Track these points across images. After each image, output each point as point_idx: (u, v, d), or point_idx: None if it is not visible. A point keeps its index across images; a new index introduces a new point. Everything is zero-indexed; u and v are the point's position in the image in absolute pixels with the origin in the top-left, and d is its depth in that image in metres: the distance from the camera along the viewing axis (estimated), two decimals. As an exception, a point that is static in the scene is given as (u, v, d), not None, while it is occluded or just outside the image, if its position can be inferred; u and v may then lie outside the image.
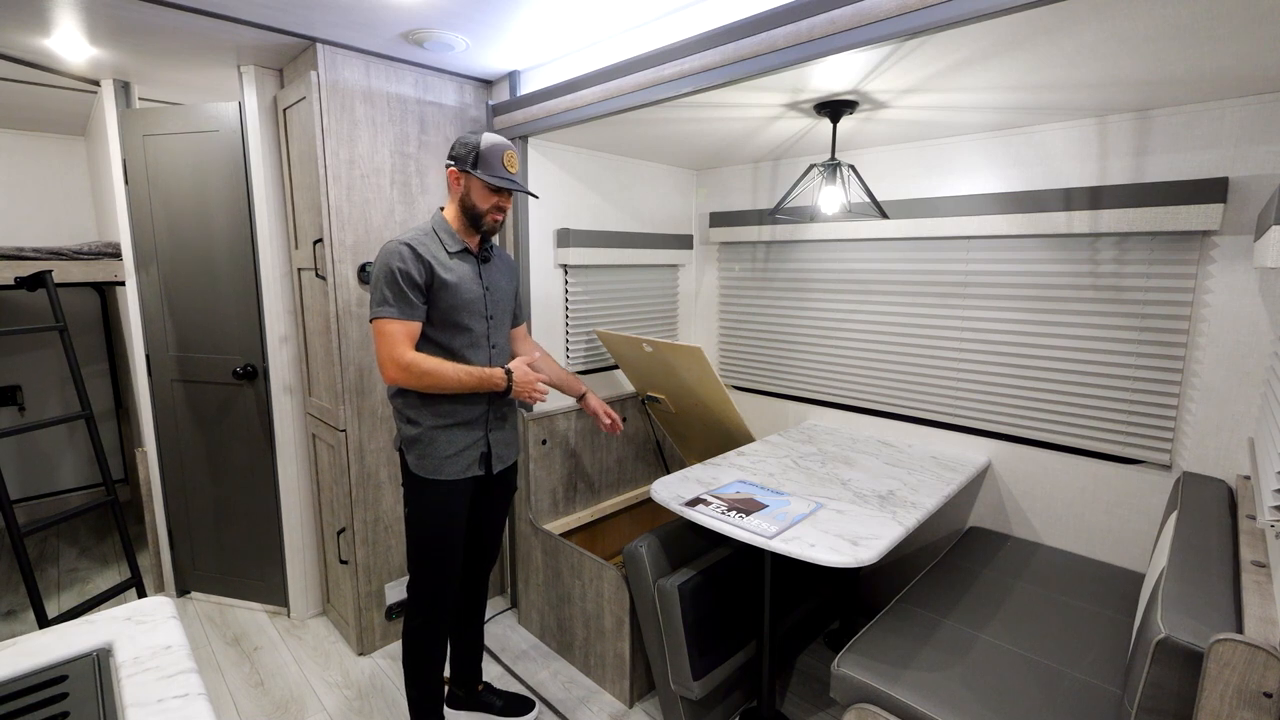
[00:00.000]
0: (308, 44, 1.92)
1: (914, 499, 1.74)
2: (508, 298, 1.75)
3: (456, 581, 1.71)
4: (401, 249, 1.53)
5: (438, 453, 1.61)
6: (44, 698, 0.82)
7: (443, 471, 1.62)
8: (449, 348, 1.61)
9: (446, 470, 1.62)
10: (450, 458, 1.62)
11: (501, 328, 1.72)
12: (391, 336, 1.52)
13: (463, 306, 1.59)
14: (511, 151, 1.59)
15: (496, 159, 1.57)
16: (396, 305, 1.51)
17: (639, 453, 2.87)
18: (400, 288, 1.51)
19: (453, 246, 1.60)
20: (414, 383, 1.54)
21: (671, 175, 2.84)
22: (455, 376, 1.55)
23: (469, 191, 1.58)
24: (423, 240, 1.56)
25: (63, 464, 3.43)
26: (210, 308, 2.35)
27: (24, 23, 1.74)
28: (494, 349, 1.69)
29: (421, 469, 1.61)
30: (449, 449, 1.62)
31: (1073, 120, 1.85)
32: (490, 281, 1.68)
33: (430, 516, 1.64)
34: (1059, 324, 1.95)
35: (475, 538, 1.81)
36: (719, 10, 1.53)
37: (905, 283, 2.28)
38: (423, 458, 1.61)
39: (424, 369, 1.52)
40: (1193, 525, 1.41)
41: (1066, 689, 1.35)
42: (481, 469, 1.68)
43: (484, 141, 1.56)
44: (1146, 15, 1.12)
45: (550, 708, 1.97)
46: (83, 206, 3.29)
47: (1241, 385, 1.66)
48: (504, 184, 1.57)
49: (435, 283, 1.55)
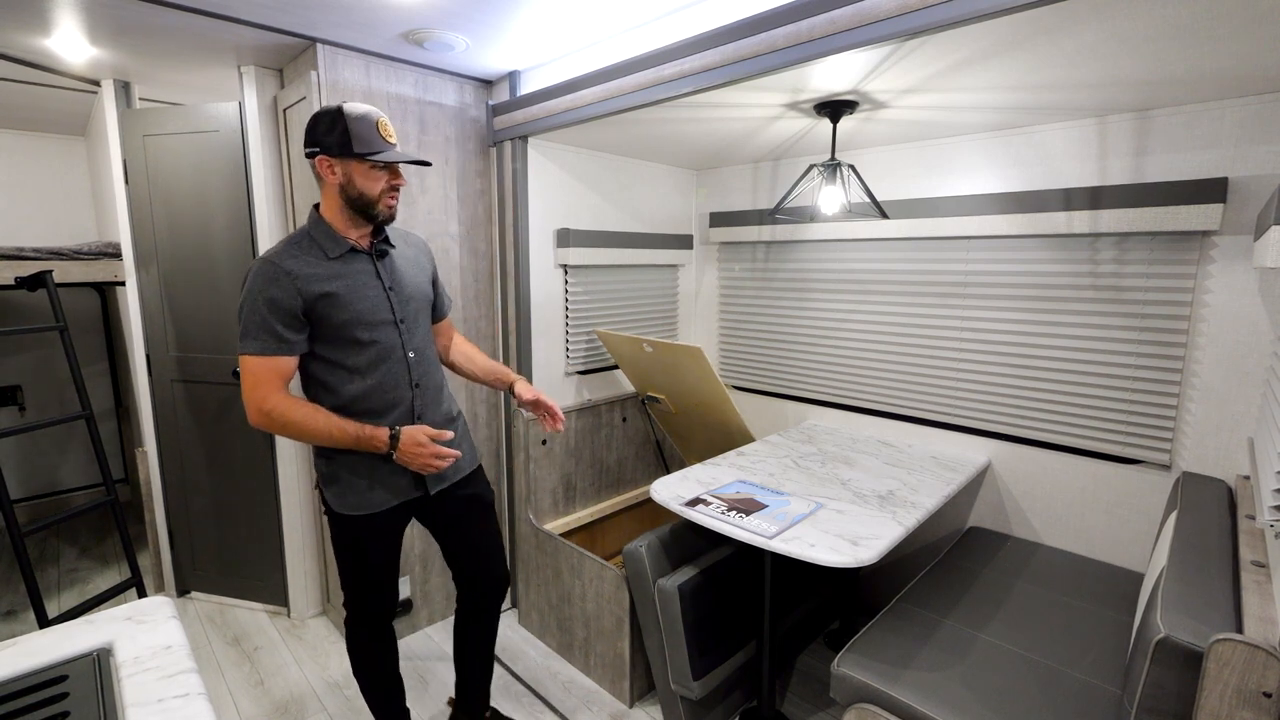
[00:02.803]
0: (308, 44, 1.92)
1: (914, 499, 1.74)
2: (421, 292, 1.50)
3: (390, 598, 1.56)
4: (267, 269, 1.28)
5: (356, 488, 1.40)
6: (44, 697, 0.82)
7: (366, 505, 1.41)
8: (354, 368, 1.36)
9: (371, 503, 1.41)
10: (374, 489, 1.41)
11: (418, 329, 1.47)
12: (254, 375, 1.29)
13: (359, 319, 1.35)
14: (384, 118, 1.33)
15: (371, 131, 1.30)
16: (258, 339, 1.28)
17: (639, 453, 2.87)
18: (263, 317, 1.27)
19: (334, 250, 1.35)
20: (277, 431, 1.33)
21: (671, 175, 2.84)
22: (325, 430, 1.31)
23: (350, 179, 1.32)
24: (293, 252, 1.32)
25: (63, 464, 3.43)
26: (210, 307, 2.35)
27: (24, 23, 1.74)
28: (412, 356, 1.44)
29: (343, 506, 1.41)
30: (369, 479, 1.40)
31: (1073, 120, 1.85)
32: (395, 279, 1.43)
33: (359, 554, 1.47)
34: (1059, 324, 1.95)
35: (459, 562, 1.65)
36: (719, 10, 1.53)
37: (905, 283, 2.28)
38: (342, 494, 1.40)
39: (287, 419, 1.30)
40: (1192, 525, 1.41)
41: (1066, 689, 1.35)
42: (418, 489, 1.47)
43: (348, 114, 1.29)
44: (1146, 15, 1.12)
45: (550, 708, 1.97)
46: (83, 206, 3.29)
47: (1241, 385, 1.66)
48: (393, 158, 1.31)
49: (315, 302, 1.30)
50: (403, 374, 1.42)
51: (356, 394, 1.38)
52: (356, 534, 1.44)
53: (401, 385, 1.42)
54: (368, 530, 1.43)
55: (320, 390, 1.39)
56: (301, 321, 1.31)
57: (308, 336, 1.34)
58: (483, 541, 1.64)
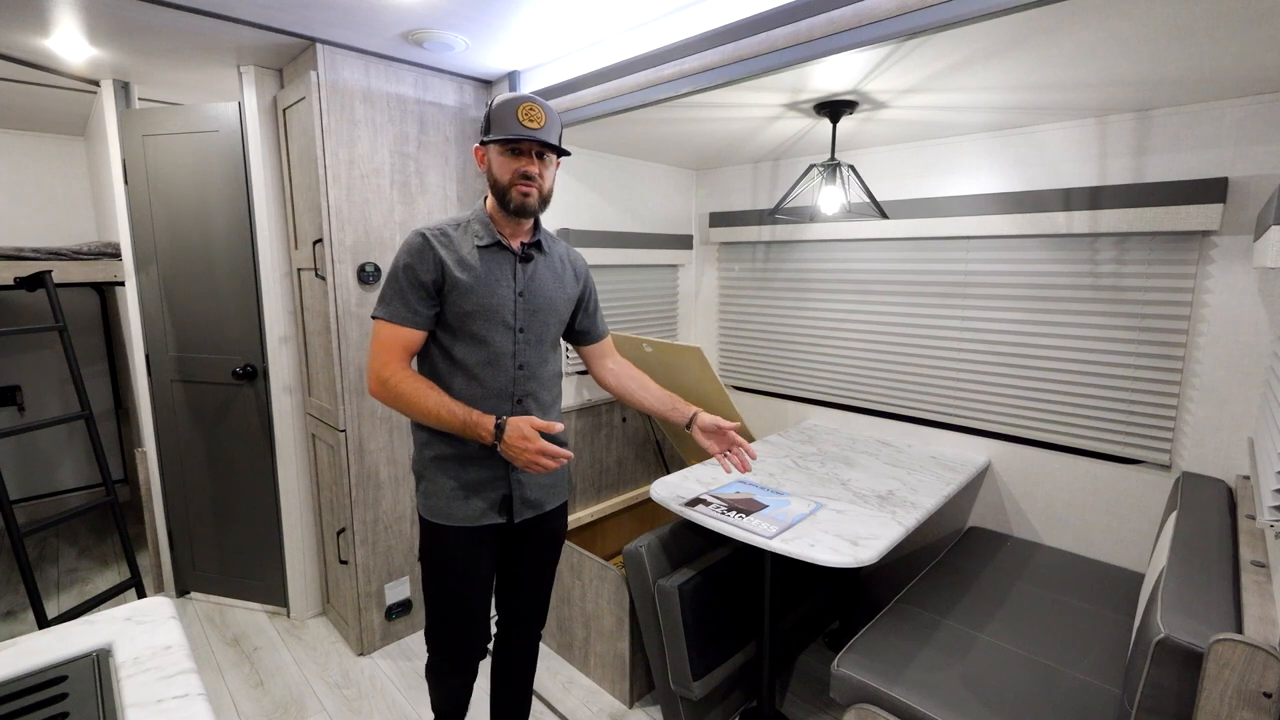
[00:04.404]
0: (307, 44, 1.92)
1: (914, 499, 1.74)
2: (556, 306, 1.40)
3: (477, 630, 1.43)
4: (415, 240, 1.30)
5: (440, 491, 1.34)
6: (44, 698, 0.82)
7: (447, 516, 1.34)
8: (461, 362, 1.32)
9: (453, 515, 1.34)
10: (456, 500, 1.34)
11: (539, 344, 1.37)
12: (380, 342, 1.29)
13: (478, 313, 1.30)
14: (531, 103, 1.25)
15: (510, 115, 1.24)
16: (390, 305, 1.29)
17: (639, 453, 2.86)
18: (400, 286, 1.28)
19: (484, 239, 1.32)
20: (389, 403, 1.29)
21: (671, 175, 2.84)
22: (434, 410, 1.25)
23: (490, 166, 1.30)
24: (448, 230, 1.32)
25: (62, 464, 3.43)
26: (210, 308, 2.35)
27: (24, 23, 1.74)
28: (521, 370, 1.35)
29: (425, 509, 1.36)
30: (454, 488, 1.34)
31: (1073, 120, 1.85)
32: (530, 284, 1.35)
33: (437, 566, 1.39)
34: (1059, 324, 1.95)
35: (507, 592, 1.52)
36: (719, 10, 1.53)
37: (905, 283, 2.28)
38: (426, 496, 1.36)
39: (399, 391, 1.27)
40: (1192, 525, 1.41)
41: (1066, 689, 1.35)
42: (501, 516, 1.37)
43: (496, 99, 1.28)
44: (1146, 15, 1.12)
45: (550, 708, 1.97)
46: (82, 207, 3.28)
47: (1241, 385, 1.66)
48: (519, 136, 1.23)
49: (447, 282, 1.29)
50: (506, 385, 1.34)
51: (461, 392, 1.32)
52: (436, 542, 1.37)
53: (502, 396, 1.34)
54: (450, 542, 1.35)
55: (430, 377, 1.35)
56: (434, 297, 1.30)
57: (435, 316, 1.31)
58: (537, 578, 1.53)
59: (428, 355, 1.36)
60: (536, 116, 1.25)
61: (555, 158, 1.33)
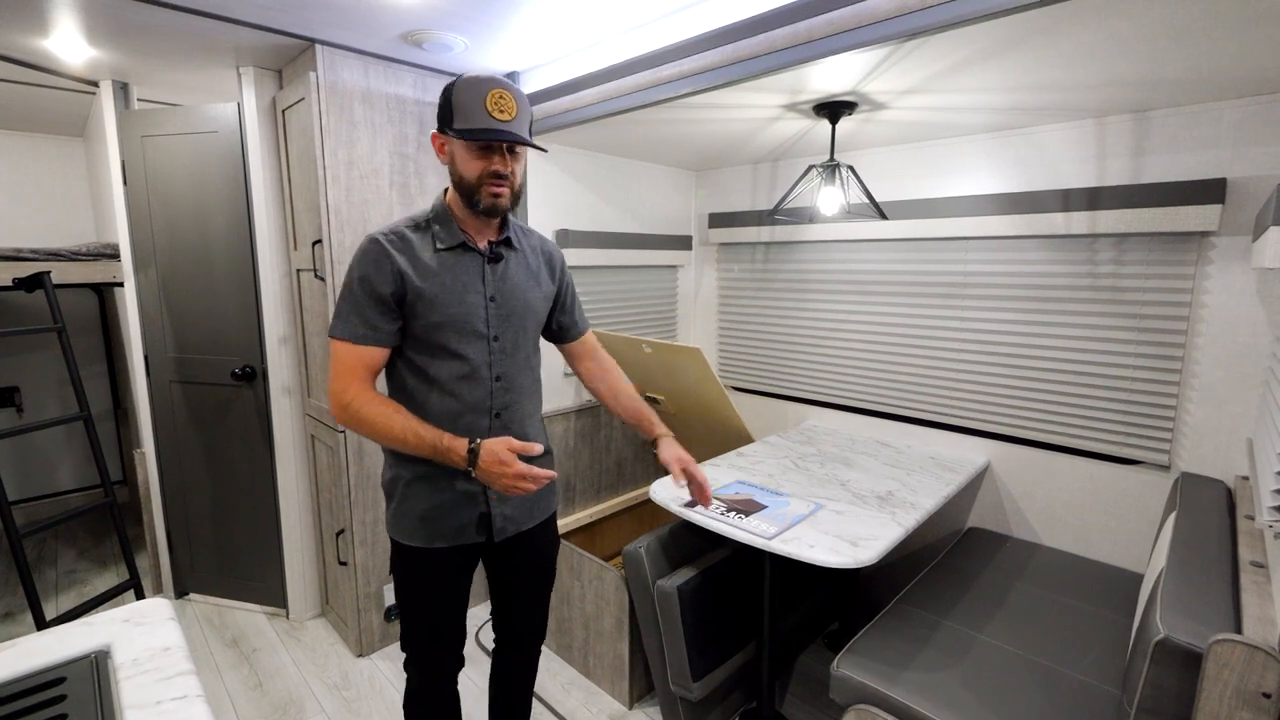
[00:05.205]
0: (307, 45, 1.92)
1: (913, 500, 1.74)
2: (533, 308, 1.28)
3: (454, 652, 1.35)
4: (369, 247, 1.16)
5: (411, 511, 1.22)
6: (42, 699, 0.82)
7: (420, 538, 1.22)
8: (434, 378, 1.20)
9: (423, 535, 1.22)
10: (428, 522, 1.22)
11: (516, 351, 1.26)
12: (340, 363, 1.16)
13: (447, 324, 1.17)
14: (500, 90, 1.09)
15: (477, 104, 1.08)
16: (347, 322, 1.15)
17: (639, 453, 2.86)
18: (356, 300, 1.15)
19: (447, 240, 1.18)
20: (354, 429, 1.16)
21: (671, 176, 2.84)
22: (400, 435, 1.13)
23: (454, 160, 1.15)
24: (405, 233, 1.18)
25: (61, 465, 3.42)
26: (209, 309, 2.34)
27: (23, 23, 1.74)
28: (499, 381, 1.23)
29: (394, 530, 1.24)
30: (426, 509, 1.22)
31: (1071, 121, 1.86)
32: (502, 287, 1.23)
33: (409, 589, 1.28)
34: (1058, 325, 1.95)
35: (508, 617, 1.44)
36: (719, 11, 1.53)
37: (904, 283, 2.28)
38: (397, 516, 1.24)
39: (361, 416, 1.14)
40: (1191, 526, 1.41)
41: (1066, 689, 1.35)
42: (480, 535, 1.26)
43: (460, 80, 1.10)
44: (1144, 16, 1.13)
45: (549, 709, 1.97)
46: (81, 208, 3.28)
47: (1240, 386, 1.66)
48: (490, 135, 1.08)
49: (409, 293, 1.15)
50: (483, 399, 1.22)
51: (436, 409, 1.20)
52: (408, 564, 1.26)
53: (479, 410, 1.22)
54: (423, 564, 1.25)
55: (401, 398, 1.22)
56: (395, 311, 1.16)
57: (399, 330, 1.18)
58: (540, 604, 1.45)
59: (395, 372, 1.24)
60: (507, 106, 1.09)
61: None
